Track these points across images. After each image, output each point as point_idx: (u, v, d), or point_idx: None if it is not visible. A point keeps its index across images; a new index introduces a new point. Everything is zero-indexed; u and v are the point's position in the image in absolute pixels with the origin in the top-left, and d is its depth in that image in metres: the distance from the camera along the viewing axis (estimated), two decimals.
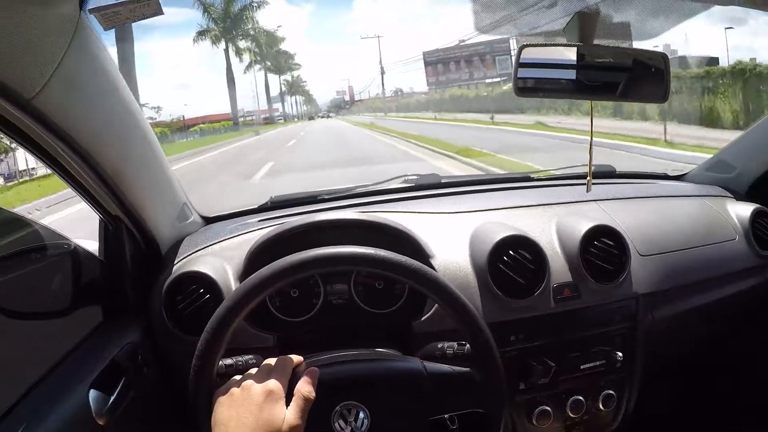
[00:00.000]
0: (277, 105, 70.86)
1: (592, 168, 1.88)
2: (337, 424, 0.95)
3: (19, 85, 0.82)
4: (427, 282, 0.96)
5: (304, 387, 0.90)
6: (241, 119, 56.37)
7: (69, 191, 1.16)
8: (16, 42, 0.77)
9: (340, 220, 1.31)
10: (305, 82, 79.76)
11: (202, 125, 45.45)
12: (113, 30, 0.97)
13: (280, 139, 27.68)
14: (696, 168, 1.98)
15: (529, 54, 1.13)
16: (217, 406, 0.89)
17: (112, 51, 1.05)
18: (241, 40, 46.93)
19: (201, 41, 43.89)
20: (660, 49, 1.21)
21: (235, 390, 0.89)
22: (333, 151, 16.49)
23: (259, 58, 53.56)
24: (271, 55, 57.47)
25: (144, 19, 0.90)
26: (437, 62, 41.14)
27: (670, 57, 1.19)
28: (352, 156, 13.93)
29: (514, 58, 1.13)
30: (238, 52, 47.07)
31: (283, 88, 69.48)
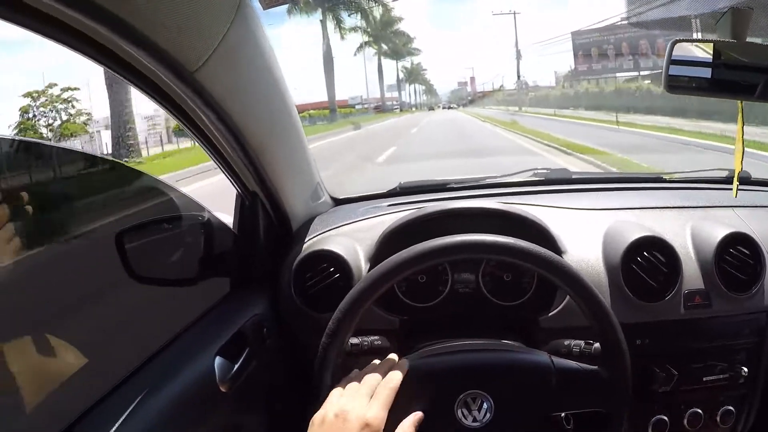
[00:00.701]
0: (394, 93, 69.46)
1: (727, 173, 1.81)
2: (460, 412, 0.96)
3: (184, 58, 0.85)
4: (563, 274, 0.95)
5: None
6: (358, 106, 57.97)
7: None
8: (184, 15, 0.80)
9: (479, 208, 1.31)
10: (425, 69, 76.68)
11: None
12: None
13: (385, 136, 22.32)
14: None
15: (681, 50, 1.10)
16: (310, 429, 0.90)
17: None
18: (343, 11, 38.68)
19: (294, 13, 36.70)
20: None
21: (329, 418, 0.89)
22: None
23: (370, 39, 48.26)
24: (386, 36, 51.56)
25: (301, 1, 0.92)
26: (591, 45, 32.48)
27: None
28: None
29: (666, 54, 1.09)
30: (341, 27, 39.03)
31: (401, 75, 66.86)
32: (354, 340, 1.13)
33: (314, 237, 1.41)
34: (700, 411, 1.33)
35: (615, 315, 1.22)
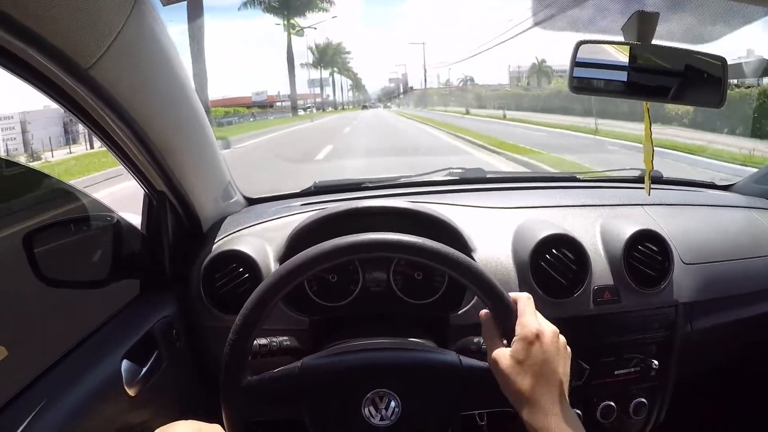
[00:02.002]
0: (318, 89, 61.55)
1: (639, 173, 1.86)
2: (366, 410, 0.94)
3: (77, 54, 0.82)
4: (468, 272, 0.94)
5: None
6: (279, 104, 50.85)
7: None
8: (75, 11, 0.77)
9: (384, 207, 1.31)
10: (348, 53, 67.56)
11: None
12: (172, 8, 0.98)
13: None
14: (744, 179, 1.93)
15: (586, 51, 1.11)
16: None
17: (171, 27, 1.05)
18: None
19: None
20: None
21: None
22: None
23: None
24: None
25: None
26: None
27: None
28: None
29: (571, 55, 1.11)
30: None
31: (312, 54, 57.24)
32: (262, 341, 1.11)
33: (224, 237, 1.38)
34: (612, 404, 1.37)
35: None
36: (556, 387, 0.81)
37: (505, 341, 0.88)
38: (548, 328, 0.86)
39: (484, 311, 0.91)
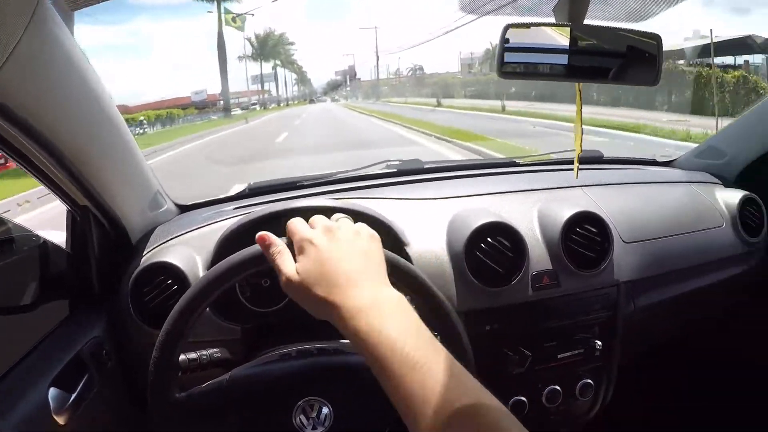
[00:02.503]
0: (266, 85, 58.73)
1: (580, 153, 1.86)
2: (298, 420, 0.93)
3: None
4: (398, 271, 0.91)
5: None
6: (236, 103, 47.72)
7: None
8: None
9: (312, 206, 1.25)
10: (292, 44, 62.44)
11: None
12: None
13: None
14: (685, 154, 1.96)
15: (515, 34, 1.08)
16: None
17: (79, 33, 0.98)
18: None
19: None
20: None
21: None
22: None
23: None
24: None
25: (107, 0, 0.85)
26: None
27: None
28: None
29: (499, 39, 1.08)
30: None
31: (250, 46, 53.25)
32: (192, 355, 1.06)
33: (153, 249, 1.33)
34: (558, 388, 1.36)
35: (460, 303, 1.24)
36: (343, 281, 0.74)
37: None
38: (320, 230, 0.80)
39: (259, 234, 0.84)
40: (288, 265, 0.78)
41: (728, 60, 17.27)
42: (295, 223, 0.82)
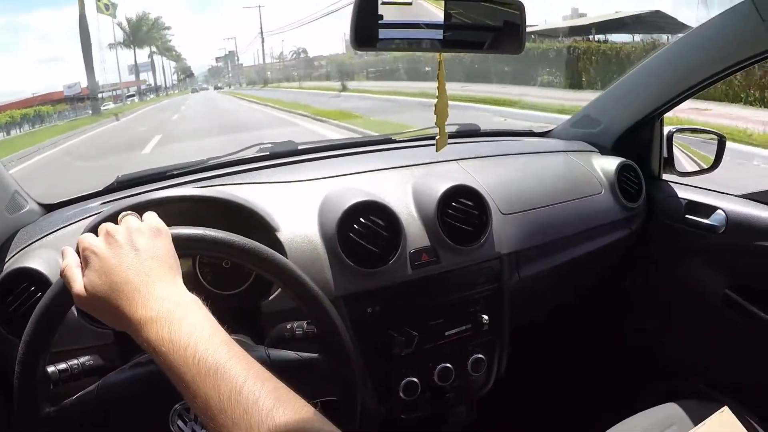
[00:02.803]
0: (143, 76, 54.31)
1: (456, 128, 1.86)
2: (176, 426, 0.87)
3: None
4: (256, 258, 0.88)
5: None
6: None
7: None
8: None
9: (170, 197, 1.18)
10: (169, 28, 59.17)
11: None
12: None
13: None
14: (561, 124, 1.99)
15: (369, 3, 1.04)
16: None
17: None
18: None
19: None
20: None
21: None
22: None
23: None
24: None
25: None
26: None
27: None
28: None
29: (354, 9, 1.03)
30: None
31: (123, 30, 49.40)
32: (61, 366, 0.97)
33: (16, 253, 1.22)
34: (449, 365, 1.34)
35: (338, 287, 1.20)
36: (128, 289, 0.70)
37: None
38: (102, 237, 0.75)
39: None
40: (76, 281, 0.72)
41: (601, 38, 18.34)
42: (82, 237, 0.76)
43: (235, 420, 0.57)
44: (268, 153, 1.67)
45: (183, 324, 0.66)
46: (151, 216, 0.80)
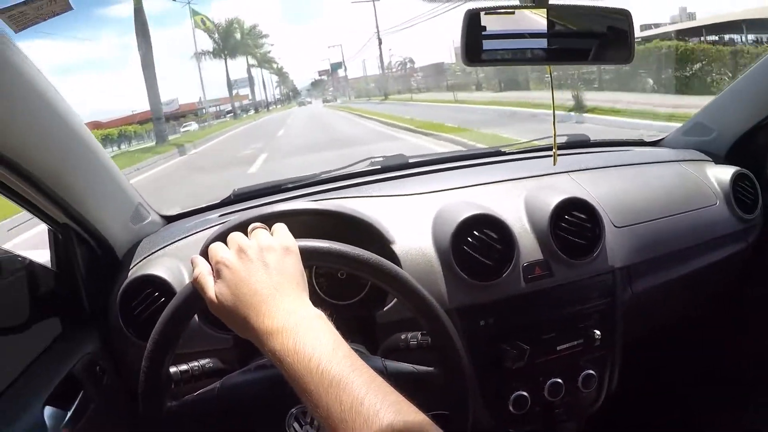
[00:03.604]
0: (242, 90, 52.90)
1: (566, 138, 1.84)
2: (291, 428, 0.92)
3: None
4: (379, 272, 0.91)
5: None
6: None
7: None
8: None
9: (291, 210, 1.24)
10: (266, 36, 55.05)
11: None
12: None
13: None
14: (673, 132, 1.93)
15: (479, 19, 1.07)
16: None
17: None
18: None
19: None
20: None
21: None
22: None
23: None
24: None
25: (54, 16, 0.85)
26: None
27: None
28: None
29: (462, 26, 1.06)
30: None
31: (211, 36, 43.59)
32: (183, 367, 1.05)
33: (139, 261, 1.32)
34: (559, 380, 1.33)
35: (451, 299, 1.22)
36: (256, 302, 0.75)
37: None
38: (233, 250, 0.81)
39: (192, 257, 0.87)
40: (208, 289, 0.79)
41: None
42: (214, 248, 0.82)
43: (356, 430, 0.60)
44: (379, 167, 1.72)
45: (308, 336, 0.69)
46: (281, 232, 0.85)
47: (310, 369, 0.66)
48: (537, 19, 1.07)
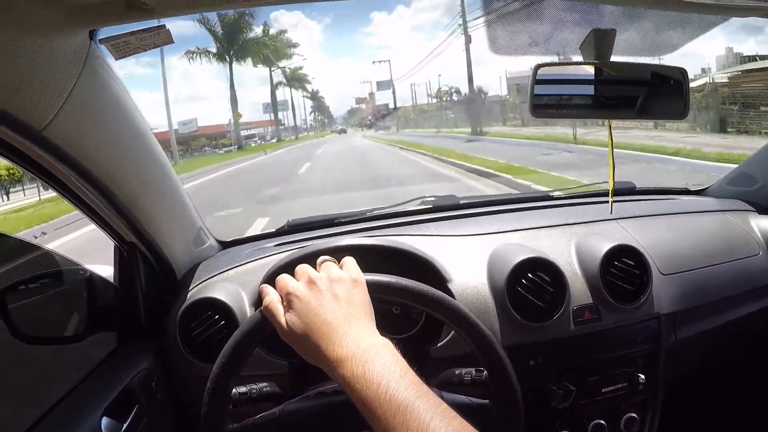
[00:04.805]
0: (268, 116, 46.34)
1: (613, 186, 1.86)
2: None
3: (29, 117, 0.81)
4: (444, 309, 0.94)
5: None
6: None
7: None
8: (25, 73, 0.77)
9: (356, 245, 1.29)
10: (295, 47, 44.19)
11: None
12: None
13: None
14: (717, 182, 1.94)
15: (546, 72, 1.12)
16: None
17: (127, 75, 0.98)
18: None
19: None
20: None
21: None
22: None
23: None
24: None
25: (154, 48, 0.89)
26: None
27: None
28: None
29: (530, 79, 1.11)
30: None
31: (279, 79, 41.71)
32: (242, 389, 1.09)
33: (199, 284, 1.37)
34: (603, 422, 1.35)
35: (504, 338, 1.24)
36: (326, 331, 0.78)
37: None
38: (303, 282, 0.84)
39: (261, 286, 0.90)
40: (279, 318, 0.82)
41: None
42: (284, 278, 0.85)
43: None
44: (431, 206, 1.76)
45: (376, 364, 0.72)
46: (350, 265, 0.88)
47: (378, 395, 0.68)
48: (598, 74, 1.11)
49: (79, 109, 0.89)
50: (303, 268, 0.86)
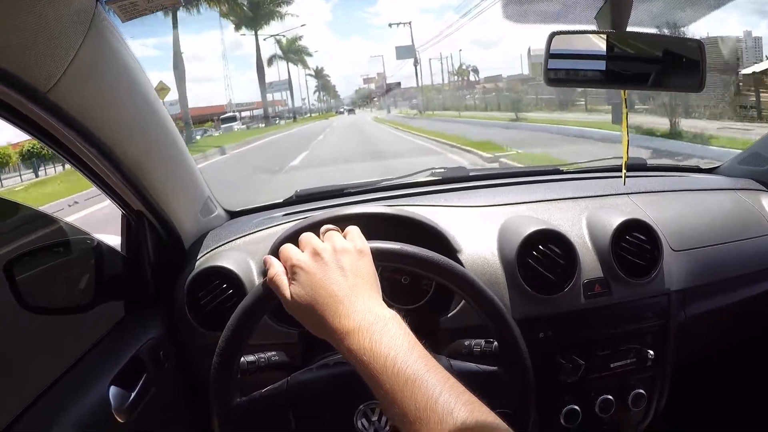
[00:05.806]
0: (275, 95, 43.50)
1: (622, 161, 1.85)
2: (360, 423, 0.94)
3: (34, 78, 0.80)
4: (453, 277, 0.93)
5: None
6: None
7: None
8: (29, 34, 0.75)
9: (364, 213, 1.27)
10: (315, 52, 46.93)
11: None
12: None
13: None
14: (729, 161, 1.92)
15: (560, 43, 1.09)
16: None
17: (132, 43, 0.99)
18: None
19: None
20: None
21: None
22: None
23: None
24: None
25: (162, 9, 0.88)
26: None
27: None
28: None
29: (543, 47, 1.09)
30: None
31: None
32: (250, 358, 1.09)
33: (207, 253, 1.36)
34: (610, 397, 1.34)
35: (514, 310, 1.23)
36: (332, 302, 0.76)
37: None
38: (308, 252, 0.81)
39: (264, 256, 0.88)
40: (284, 290, 0.80)
41: None
42: (287, 249, 0.83)
43: (430, 428, 0.61)
44: (440, 177, 1.75)
45: (384, 336, 0.70)
46: (354, 234, 0.86)
47: (386, 367, 0.67)
48: (614, 44, 1.09)
49: (84, 71, 0.87)
50: (307, 238, 0.84)
